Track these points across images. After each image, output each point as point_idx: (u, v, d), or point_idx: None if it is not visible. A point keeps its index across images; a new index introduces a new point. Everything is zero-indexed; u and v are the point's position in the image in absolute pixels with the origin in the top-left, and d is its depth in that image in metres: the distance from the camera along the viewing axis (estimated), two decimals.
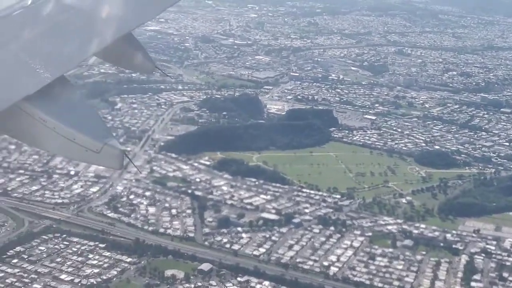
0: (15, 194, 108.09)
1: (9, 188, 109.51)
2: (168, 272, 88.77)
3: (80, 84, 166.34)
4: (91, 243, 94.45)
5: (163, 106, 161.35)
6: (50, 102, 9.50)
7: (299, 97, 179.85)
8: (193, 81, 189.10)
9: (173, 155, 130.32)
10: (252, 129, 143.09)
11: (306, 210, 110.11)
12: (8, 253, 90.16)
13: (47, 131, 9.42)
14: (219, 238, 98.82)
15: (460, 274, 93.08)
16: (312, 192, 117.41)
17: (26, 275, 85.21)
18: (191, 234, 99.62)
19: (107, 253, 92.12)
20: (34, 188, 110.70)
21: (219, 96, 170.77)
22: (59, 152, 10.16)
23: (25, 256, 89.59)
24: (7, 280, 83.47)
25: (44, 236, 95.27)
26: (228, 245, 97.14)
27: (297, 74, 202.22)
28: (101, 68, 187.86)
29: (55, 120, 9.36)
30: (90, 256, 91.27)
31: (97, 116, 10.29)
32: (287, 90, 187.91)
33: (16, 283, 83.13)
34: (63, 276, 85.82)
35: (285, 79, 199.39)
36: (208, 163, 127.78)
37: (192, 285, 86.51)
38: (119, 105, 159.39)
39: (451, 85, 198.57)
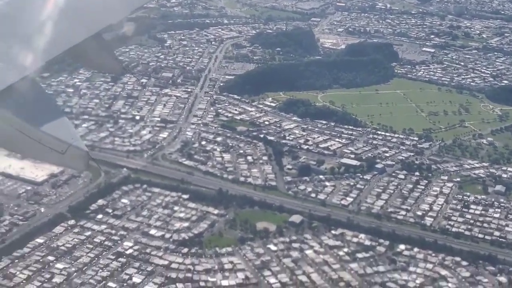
0: (85, 142, 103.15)
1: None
2: (259, 225, 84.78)
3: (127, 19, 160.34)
4: (174, 194, 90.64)
5: (213, 43, 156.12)
6: (16, 101, 9.25)
7: (350, 29, 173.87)
8: (237, 14, 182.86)
9: (235, 96, 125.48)
10: (314, 67, 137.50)
11: (386, 155, 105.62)
12: (91, 208, 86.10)
13: (11, 131, 9.10)
14: (302, 187, 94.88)
15: None
16: (387, 134, 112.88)
17: (114, 231, 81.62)
18: (273, 183, 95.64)
19: (192, 205, 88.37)
20: (103, 134, 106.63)
21: (270, 31, 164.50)
22: (22, 152, 10.05)
23: (110, 210, 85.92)
24: (95, 239, 79.92)
25: (124, 187, 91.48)
26: (313, 195, 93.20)
27: (343, 4, 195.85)
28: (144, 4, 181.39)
29: (21, 119, 9.11)
30: (176, 208, 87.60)
31: (63, 117, 9.83)
32: (336, 21, 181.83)
33: (106, 242, 79.40)
34: (152, 232, 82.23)
35: (331, 10, 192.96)
36: (273, 104, 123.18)
37: (287, 239, 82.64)
38: (169, 42, 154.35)
39: (502, 12, 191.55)
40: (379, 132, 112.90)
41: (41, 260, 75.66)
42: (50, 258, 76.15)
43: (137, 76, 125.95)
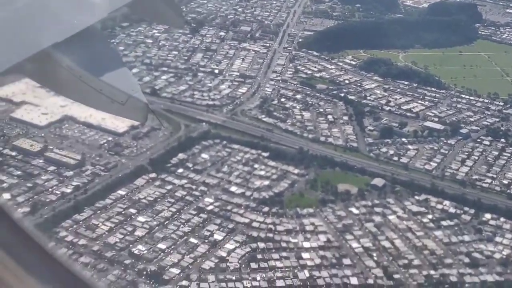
0: (164, 94, 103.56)
1: (156, 87, 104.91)
2: (341, 187, 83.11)
3: None
4: (253, 151, 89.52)
5: None
6: (79, 51, 9.24)
7: None
8: None
9: (314, 53, 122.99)
10: (395, 25, 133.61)
11: (471, 119, 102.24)
12: (172, 161, 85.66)
13: (73, 80, 9.16)
14: (384, 149, 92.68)
15: None
16: (472, 98, 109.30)
17: (194, 187, 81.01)
18: (354, 144, 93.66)
19: (273, 163, 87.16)
20: (182, 88, 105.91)
21: None
22: (84, 102, 9.63)
23: (190, 165, 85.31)
24: (176, 194, 79.54)
25: (204, 142, 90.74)
26: (395, 158, 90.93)
27: None
28: None
29: (83, 69, 9.12)
30: (256, 166, 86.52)
31: (124, 67, 9.74)
32: None
33: (187, 197, 78.92)
34: (233, 189, 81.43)
35: None
36: (353, 62, 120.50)
37: (369, 202, 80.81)
38: None
39: None
40: (463, 96, 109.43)
41: (123, 212, 75.67)
42: (132, 210, 76.04)
43: (197, 28, 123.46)
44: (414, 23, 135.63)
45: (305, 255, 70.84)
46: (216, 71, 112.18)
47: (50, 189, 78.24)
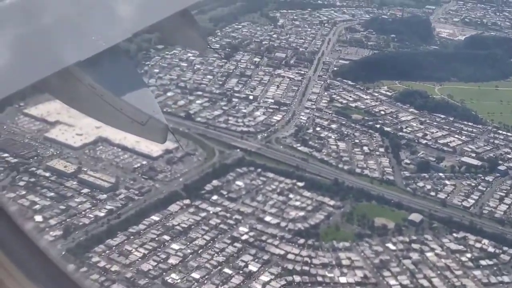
0: (199, 119, 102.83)
1: (191, 111, 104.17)
2: (377, 221, 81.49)
3: None
4: (288, 181, 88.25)
5: (326, 25, 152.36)
6: (101, 70, 9.35)
7: (466, 20, 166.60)
8: None
9: (350, 82, 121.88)
10: (431, 57, 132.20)
11: (509, 156, 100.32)
12: (206, 188, 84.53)
13: (95, 99, 9.23)
14: (421, 183, 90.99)
15: None
16: (509, 134, 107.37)
17: (229, 215, 79.82)
18: (390, 177, 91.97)
19: (308, 194, 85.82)
20: (216, 113, 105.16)
21: (385, 17, 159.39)
22: (104, 120, 9.66)
23: (224, 192, 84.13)
24: (210, 221, 78.37)
25: (238, 169, 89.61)
26: (432, 193, 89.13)
27: None
28: None
29: (104, 88, 9.17)
30: (291, 196, 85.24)
31: (146, 88, 9.74)
32: (452, 11, 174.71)
33: (221, 225, 77.68)
34: (267, 218, 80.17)
35: None
36: (389, 93, 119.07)
37: (406, 238, 79.08)
38: (281, 21, 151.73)
39: None
40: (500, 132, 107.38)
41: (156, 238, 74.58)
42: (166, 237, 74.91)
43: (219, 53, 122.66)
44: (450, 56, 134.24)
45: None
46: (251, 97, 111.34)
47: (83, 212, 77.47)
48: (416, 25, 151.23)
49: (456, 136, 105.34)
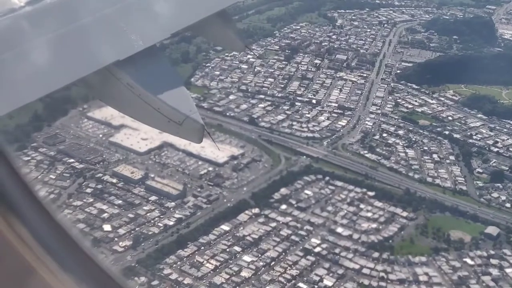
0: (262, 124, 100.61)
1: (254, 116, 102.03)
2: (453, 234, 78.52)
3: None
4: (358, 190, 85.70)
5: (385, 25, 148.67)
6: (139, 69, 9.48)
7: None
8: None
9: (414, 85, 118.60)
10: (498, 60, 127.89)
11: None
12: (274, 196, 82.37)
13: (133, 98, 9.38)
14: (495, 194, 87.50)
15: None
16: None
17: (299, 225, 77.60)
18: (463, 187, 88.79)
19: (379, 204, 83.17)
20: (280, 117, 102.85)
21: (446, 17, 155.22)
22: (141, 119, 9.94)
23: (293, 202, 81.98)
24: (281, 232, 76.20)
25: (306, 177, 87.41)
26: (507, 205, 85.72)
27: None
28: None
29: (142, 87, 9.32)
30: (362, 206, 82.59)
31: (183, 87, 9.92)
32: None
33: (293, 236, 75.47)
34: (339, 230, 77.75)
35: None
36: (455, 98, 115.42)
37: (484, 253, 75.93)
38: (339, 21, 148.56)
39: None
40: None
41: (227, 250, 72.66)
42: (237, 248, 72.94)
43: (253, 52, 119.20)
44: None
45: None
46: (314, 101, 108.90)
47: (152, 221, 75.94)
48: (479, 26, 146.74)
49: None
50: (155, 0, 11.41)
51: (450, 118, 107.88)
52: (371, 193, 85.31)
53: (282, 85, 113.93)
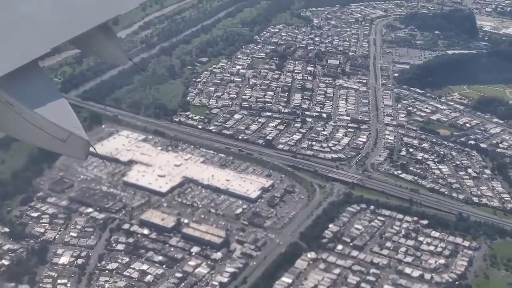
0: (280, 146, 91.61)
1: (269, 137, 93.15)
2: None
3: None
4: (409, 219, 78.61)
5: (363, 23, 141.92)
6: (18, 86, 9.23)
7: (499, 9, 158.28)
8: None
9: (418, 90, 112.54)
10: (494, 57, 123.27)
11: None
12: (325, 235, 73.86)
13: (13, 116, 9.13)
14: None
15: None
16: None
17: (364, 269, 69.50)
18: (510, 205, 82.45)
19: (436, 234, 76.30)
20: (296, 137, 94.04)
21: (425, 11, 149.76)
22: (24, 138, 9.45)
23: (347, 239, 73.80)
24: (349, 280, 68.21)
25: (350, 208, 79.33)
26: None
27: None
28: None
29: (22, 105, 9.04)
30: (421, 238, 75.15)
31: (65, 103, 9.28)
32: (480, 0, 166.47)
33: (362, 284, 67.19)
34: (407, 270, 70.32)
35: None
36: (464, 101, 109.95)
37: None
38: (316, 21, 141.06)
39: None
40: None
41: None
42: None
43: (139, 67, 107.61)
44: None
45: None
46: (324, 115, 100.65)
47: (203, 279, 65.97)
48: (459, 20, 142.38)
49: None
50: (33, 14, 10.83)
51: (468, 125, 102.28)
52: (423, 222, 78.01)
53: (285, 99, 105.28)
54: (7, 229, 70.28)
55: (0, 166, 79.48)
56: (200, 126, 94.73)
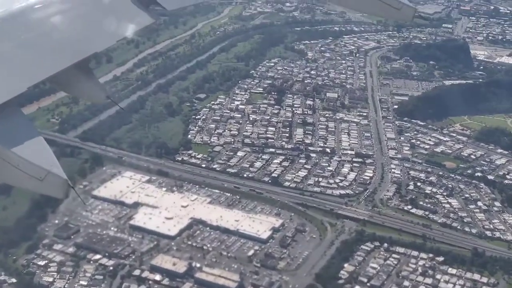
0: (287, 183, 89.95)
1: (274, 175, 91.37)
2: None
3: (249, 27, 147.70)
4: (424, 256, 76.99)
5: (357, 55, 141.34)
6: None
7: (489, 37, 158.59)
8: (361, 19, 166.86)
9: (419, 122, 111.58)
10: (492, 87, 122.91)
11: None
12: (341, 275, 71.95)
13: None
14: None
15: None
16: None
17: None
18: None
19: (453, 271, 74.75)
20: (301, 174, 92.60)
21: (418, 42, 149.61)
22: (2, 179, 9.08)
23: (364, 279, 71.94)
24: None
25: (363, 247, 77.55)
26: None
27: (468, 8, 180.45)
28: (257, 7, 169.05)
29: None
30: (438, 276, 73.42)
31: (42, 140, 9.11)
32: (470, 28, 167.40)
33: None
34: None
35: (456, 15, 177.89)
36: (466, 132, 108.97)
37: None
38: (310, 54, 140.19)
39: None
40: None
41: None
42: None
43: (119, 105, 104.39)
44: (508, 84, 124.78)
45: None
46: (327, 149, 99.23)
47: None
48: (453, 50, 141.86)
49: None
50: (8, 53, 10.52)
51: (473, 156, 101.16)
52: (439, 259, 76.38)
53: (287, 134, 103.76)
54: (14, 280, 67.67)
55: (2, 213, 76.99)
56: (203, 165, 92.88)
